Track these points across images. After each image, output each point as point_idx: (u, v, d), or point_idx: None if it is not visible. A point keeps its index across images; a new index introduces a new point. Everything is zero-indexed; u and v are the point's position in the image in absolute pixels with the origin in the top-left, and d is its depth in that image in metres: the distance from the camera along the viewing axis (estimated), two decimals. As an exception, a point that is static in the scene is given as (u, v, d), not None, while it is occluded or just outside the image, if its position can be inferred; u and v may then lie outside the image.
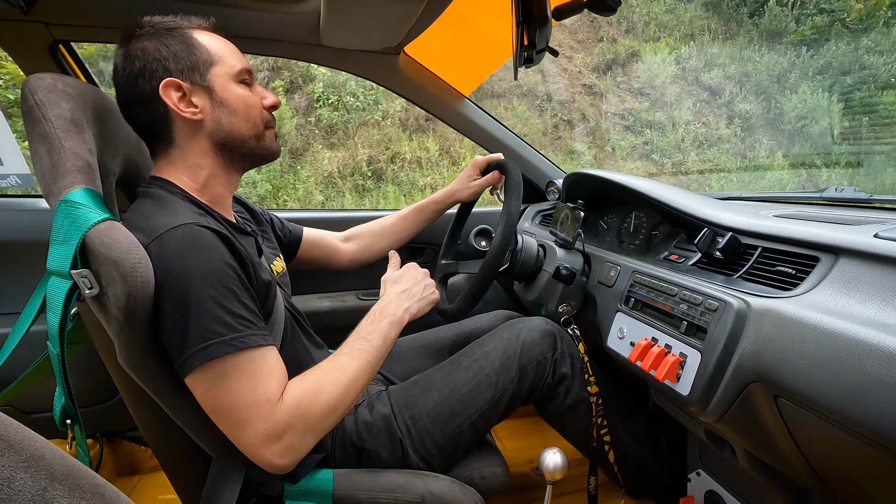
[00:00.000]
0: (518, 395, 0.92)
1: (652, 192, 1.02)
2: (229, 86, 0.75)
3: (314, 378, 0.68)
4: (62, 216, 0.59)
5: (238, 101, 0.75)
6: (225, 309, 0.62)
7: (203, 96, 0.73)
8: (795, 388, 0.58)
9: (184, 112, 0.72)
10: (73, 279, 0.58)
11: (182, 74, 0.71)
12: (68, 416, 0.66)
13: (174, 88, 0.71)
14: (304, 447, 0.65)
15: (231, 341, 0.61)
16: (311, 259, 1.14)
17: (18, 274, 1.17)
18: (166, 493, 1.35)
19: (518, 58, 0.84)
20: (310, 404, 0.65)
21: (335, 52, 1.16)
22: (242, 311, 0.64)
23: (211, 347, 0.60)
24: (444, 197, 1.16)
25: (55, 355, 0.62)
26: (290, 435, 0.63)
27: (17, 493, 0.26)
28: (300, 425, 0.64)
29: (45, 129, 0.63)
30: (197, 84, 0.72)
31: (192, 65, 0.72)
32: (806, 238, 0.71)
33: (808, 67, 5.69)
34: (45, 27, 0.96)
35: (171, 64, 0.71)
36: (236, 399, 0.62)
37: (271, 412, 0.62)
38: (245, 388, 0.62)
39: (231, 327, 0.61)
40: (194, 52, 0.72)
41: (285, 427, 0.63)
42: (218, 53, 0.74)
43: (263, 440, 0.62)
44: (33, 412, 1.24)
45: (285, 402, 0.63)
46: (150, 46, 0.70)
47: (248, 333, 0.63)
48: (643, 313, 0.86)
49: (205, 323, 0.60)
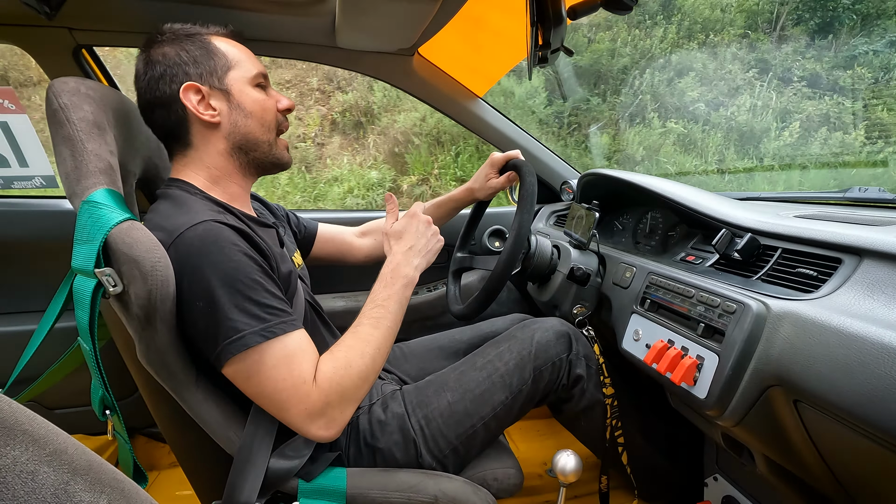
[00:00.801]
0: (532, 397, 0.92)
1: (668, 192, 1.01)
2: (246, 89, 0.77)
3: (342, 354, 0.71)
4: (85, 216, 0.61)
5: (254, 105, 0.78)
6: (252, 300, 0.64)
7: (221, 99, 0.76)
8: (817, 393, 0.57)
9: (202, 114, 0.74)
10: (98, 277, 0.60)
11: (201, 78, 0.74)
12: (107, 407, 0.70)
13: (194, 91, 0.74)
14: (344, 417, 0.70)
15: (262, 331, 0.63)
16: (326, 255, 1.15)
17: (42, 273, 1.20)
18: (184, 490, 1.37)
19: (532, 57, 0.83)
20: (342, 380, 0.68)
21: (350, 53, 1.17)
22: (270, 299, 0.66)
23: (243, 339, 0.62)
24: (463, 195, 1.14)
25: (88, 350, 0.64)
26: (329, 410, 0.67)
27: (40, 486, 0.27)
28: (337, 400, 0.68)
29: (68, 132, 0.65)
30: (215, 87, 0.75)
31: (211, 69, 0.75)
32: (828, 239, 0.69)
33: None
34: (69, 32, 0.98)
35: (191, 68, 0.73)
36: (274, 385, 0.65)
37: (308, 393, 0.66)
38: (281, 374, 0.65)
39: (260, 318, 0.64)
40: (213, 57, 0.75)
41: (324, 405, 0.67)
42: (235, 58, 0.77)
43: (306, 418, 0.66)
44: (57, 408, 1.27)
45: (319, 383, 0.67)
46: (171, 52, 0.73)
47: (278, 322, 0.65)
48: (659, 315, 0.85)
49: (235, 315, 0.63)
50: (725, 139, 5.39)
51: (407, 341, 1.20)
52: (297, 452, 0.76)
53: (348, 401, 0.69)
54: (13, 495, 0.25)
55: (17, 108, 1.10)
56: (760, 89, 5.48)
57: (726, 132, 5.41)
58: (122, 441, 0.73)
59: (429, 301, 1.47)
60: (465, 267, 1.16)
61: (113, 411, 0.70)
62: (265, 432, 0.73)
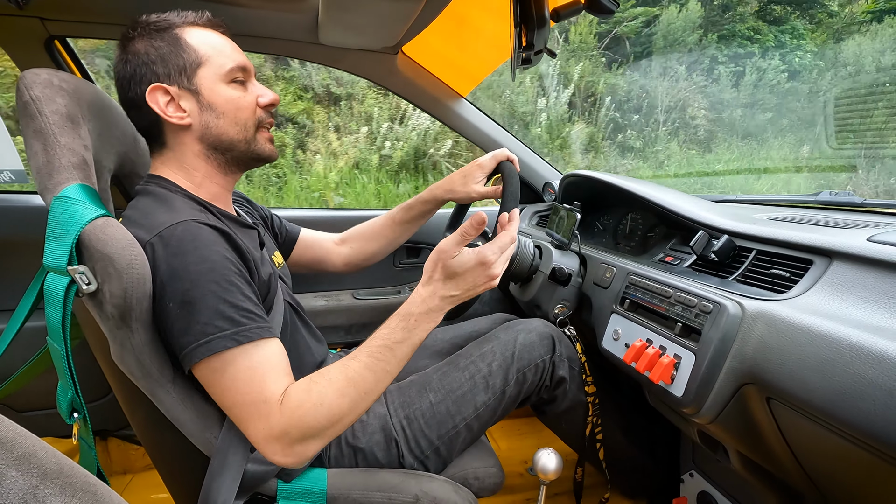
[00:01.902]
0: (515, 398, 0.92)
1: (647, 195, 1.02)
2: (217, 88, 0.73)
3: (318, 388, 0.64)
4: (58, 212, 0.59)
5: (226, 104, 0.74)
6: (227, 303, 0.62)
7: (191, 100, 0.72)
8: (788, 390, 0.58)
9: (170, 117, 0.71)
10: (71, 275, 0.58)
11: (169, 78, 0.71)
12: (75, 410, 0.67)
13: (161, 93, 0.71)
14: (306, 451, 0.64)
15: (233, 335, 0.61)
16: (305, 261, 1.12)
17: (11, 271, 1.16)
18: (159, 493, 1.34)
19: (516, 59, 0.84)
20: (306, 415, 0.62)
21: (333, 50, 1.16)
22: (245, 303, 0.64)
23: (213, 342, 0.60)
24: (441, 194, 1.04)
25: (58, 351, 0.62)
26: (288, 439, 0.62)
27: (7, 490, 0.26)
28: (297, 433, 0.62)
29: (40, 125, 0.62)
30: (184, 88, 0.72)
31: (180, 68, 0.71)
32: (800, 241, 0.71)
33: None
34: (41, 22, 0.95)
35: (160, 68, 0.70)
36: (236, 396, 0.62)
37: (269, 413, 0.61)
38: (245, 386, 0.62)
39: (234, 321, 0.62)
40: (182, 54, 0.71)
41: (283, 431, 0.61)
42: (206, 53, 0.72)
43: (265, 438, 0.62)
44: (26, 410, 1.23)
45: (284, 407, 0.62)
46: (141, 49, 0.70)
47: (253, 326, 0.63)
48: (638, 315, 0.86)
49: (207, 318, 0.60)
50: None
51: None
52: None
53: (311, 438, 0.63)
54: None
55: (-15, 100, 1.06)
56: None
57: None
58: (86, 446, 0.70)
59: (411, 300, 1.47)
60: None
61: (81, 414, 0.67)
62: (241, 435, 0.71)
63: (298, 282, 1.42)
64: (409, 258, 1.54)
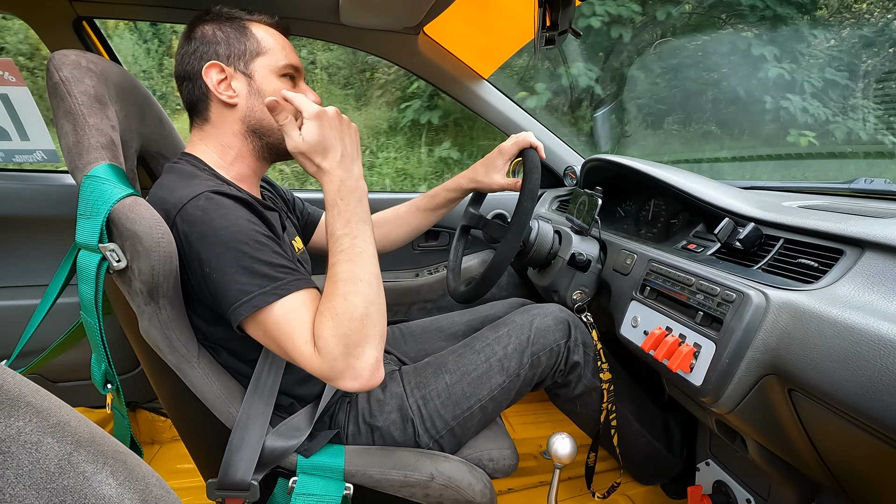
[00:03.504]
0: (529, 381, 0.93)
1: (671, 180, 1.00)
2: (269, 78, 0.77)
3: (323, 307, 0.64)
4: (88, 191, 0.61)
5: (273, 93, 0.76)
6: (261, 261, 0.64)
7: (243, 82, 0.76)
8: (812, 382, 0.57)
9: (220, 94, 0.75)
10: (102, 252, 0.60)
11: (227, 59, 0.75)
12: (108, 381, 0.70)
13: (217, 71, 0.75)
14: (367, 360, 0.63)
15: (273, 290, 0.63)
16: (323, 245, 1.12)
17: (45, 247, 1.20)
18: (184, 463, 1.39)
19: (539, 39, 0.82)
20: (335, 331, 0.62)
21: (354, 31, 1.15)
22: (278, 258, 0.65)
23: (255, 298, 0.62)
24: (465, 183, 1.05)
25: (92, 325, 0.64)
26: (340, 365, 0.62)
27: (44, 456, 0.27)
28: (341, 352, 0.61)
29: (69, 106, 0.64)
30: (239, 70, 0.76)
31: (240, 52, 0.76)
32: (830, 230, 0.69)
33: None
34: (70, 3, 0.97)
35: (222, 49, 0.75)
36: (288, 343, 0.63)
37: (313, 355, 0.62)
38: (296, 332, 0.62)
39: (271, 277, 0.63)
40: (245, 42, 0.76)
41: (331, 365, 0.62)
42: (267, 46, 0.77)
43: (329, 374, 0.62)
44: (59, 381, 1.29)
45: (318, 346, 0.62)
46: (209, 30, 0.75)
47: (291, 279, 0.64)
48: (658, 302, 0.85)
49: (245, 277, 0.62)
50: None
51: (406, 322, 1.21)
52: (297, 431, 0.77)
53: (357, 345, 0.62)
54: (18, 465, 0.26)
55: (17, 81, 1.08)
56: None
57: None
58: (120, 416, 0.74)
59: (429, 283, 1.47)
60: (473, 225, 1.10)
61: (114, 384, 0.71)
62: (260, 411, 0.74)
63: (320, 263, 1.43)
64: (427, 241, 1.54)
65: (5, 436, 0.26)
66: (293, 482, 0.76)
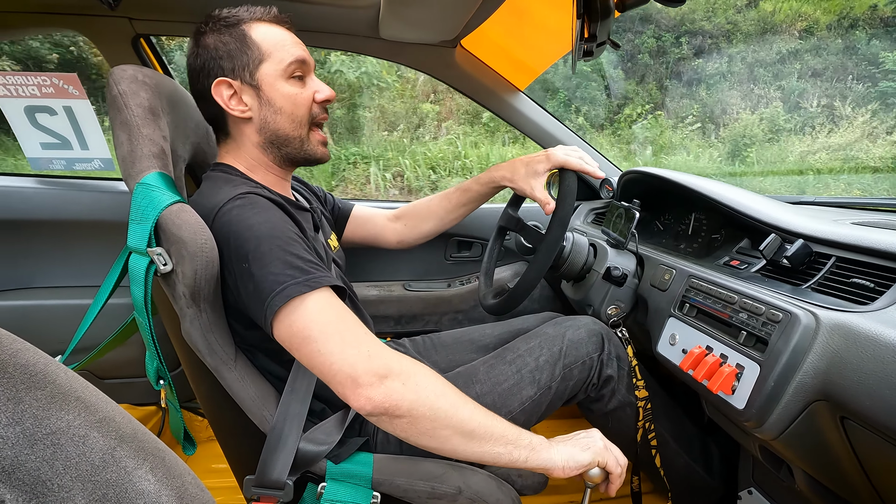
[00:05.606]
0: (561, 394, 0.91)
1: (714, 193, 0.97)
2: (277, 84, 0.77)
3: (428, 380, 0.65)
4: (139, 198, 0.64)
5: (284, 100, 0.77)
6: (294, 255, 0.66)
7: (252, 94, 0.77)
8: (867, 411, 0.53)
9: (233, 110, 0.76)
10: (150, 256, 0.63)
11: (233, 73, 0.75)
12: (160, 377, 0.75)
13: (226, 87, 0.76)
14: (392, 390, 0.62)
15: (305, 282, 0.64)
16: (359, 237, 1.15)
17: (96, 250, 1.27)
18: (219, 463, 1.43)
19: (577, 51, 0.82)
20: (403, 388, 0.61)
21: (393, 45, 1.18)
22: (309, 254, 0.68)
23: (288, 288, 0.63)
24: (500, 178, 1.01)
25: (143, 324, 0.68)
26: (377, 374, 0.62)
27: (90, 449, 0.28)
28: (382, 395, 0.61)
29: (126, 117, 0.68)
30: (247, 82, 0.76)
31: (244, 63, 0.75)
32: (888, 248, 0.65)
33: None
34: (129, 22, 1.03)
35: (226, 62, 0.75)
36: (326, 340, 0.62)
37: (358, 352, 0.63)
38: (329, 327, 0.63)
39: (302, 270, 0.65)
40: (246, 51, 0.75)
41: (368, 383, 0.61)
42: (269, 49, 0.76)
43: (348, 377, 0.62)
44: (107, 378, 1.35)
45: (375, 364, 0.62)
46: (211, 43, 0.75)
47: (320, 275, 0.66)
48: (698, 320, 0.82)
49: (278, 268, 0.64)
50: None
51: (438, 332, 1.21)
52: (327, 437, 0.78)
53: (393, 378, 0.62)
54: (66, 457, 0.27)
55: (80, 94, 1.16)
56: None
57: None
58: (174, 409, 0.77)
59: (461, 294, 1.47)
60: (511, 227, 1.09)
61: (166, 380, 0.74)
62: (295, 414, 0.75)
63: (352, 271, 1.46)
64: (460, 252, 1.54)
65: (56, 428, 0.27)
66: (322, 488, 0.76)
